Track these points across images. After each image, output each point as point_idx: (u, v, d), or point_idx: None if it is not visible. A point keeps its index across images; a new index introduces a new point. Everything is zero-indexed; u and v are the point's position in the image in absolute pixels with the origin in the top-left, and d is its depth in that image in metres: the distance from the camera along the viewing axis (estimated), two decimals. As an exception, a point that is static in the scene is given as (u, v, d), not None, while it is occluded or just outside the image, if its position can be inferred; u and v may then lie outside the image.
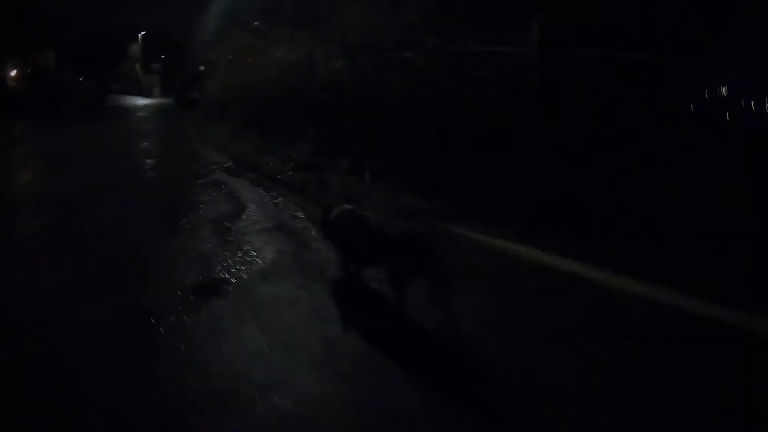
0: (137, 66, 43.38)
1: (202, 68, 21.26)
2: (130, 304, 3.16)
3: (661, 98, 5.59)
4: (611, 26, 5.93)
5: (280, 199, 5.69)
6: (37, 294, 3.34)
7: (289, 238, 4.33)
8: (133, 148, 9.60)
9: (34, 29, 26.37)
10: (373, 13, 9.36)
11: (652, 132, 5.03)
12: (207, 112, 14.14)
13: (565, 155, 5.12)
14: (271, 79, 10.52)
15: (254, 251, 4.01)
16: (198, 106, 17.93)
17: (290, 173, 6.57)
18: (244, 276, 3.57)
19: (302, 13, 11.20)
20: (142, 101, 26.09)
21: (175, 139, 10.84)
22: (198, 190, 6.17)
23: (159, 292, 3.32)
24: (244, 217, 4.96)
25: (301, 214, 4.98)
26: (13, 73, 21.11)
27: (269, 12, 13.66)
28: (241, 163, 7.68)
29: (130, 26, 43.53)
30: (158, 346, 2.62)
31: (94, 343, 2.69)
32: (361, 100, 7.50)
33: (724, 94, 5.53)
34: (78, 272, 3.66)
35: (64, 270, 3.71)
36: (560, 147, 5.11)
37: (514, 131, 5.38)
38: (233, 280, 3.49)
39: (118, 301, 3.19)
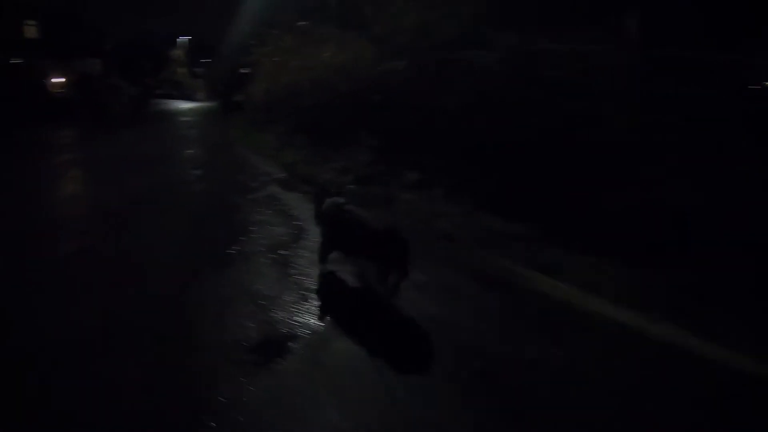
0: (180, 70, 44.07)
1: (244, 71, 21.03)
2: (171, 366, 2.62)
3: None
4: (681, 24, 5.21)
5: (341, 219, 5.10)
6: (57, 342, 2.83)
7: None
8: (178, 157, 9.24)
9: (81, 36, 26.99)
10: (428, 9, 8.70)
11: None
12: (252, 116, 13.79)
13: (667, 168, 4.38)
14: (318, 81, 10.01)
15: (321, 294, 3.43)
16: (243, 109, 17.74)
17: (350, 186, 5.98)
18: (314, 329, 2.99)
19: (347, 11, 10.61)
20: (186, 105, 26.11)
21: (221, 146, 10.44)
22: (249, 207, 5.67)
23: (207, 350, 2.78)
24: (304, 244, 4.39)
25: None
26: (60, 79, 21.45)
27: (312, 11, 13.19)
28: (294, 174, 7.16)
29: (172, 31, 44.06)
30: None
31: (124, 421, 2.15)
32: (422, 105, 6.87)
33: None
34: (109, 314, 3.15)
35: (93, 311, 3.20)
36: (659, 159, 4.38)
37: (607, 142, 4.65)
38: (300, 335, 2.91)
39: (156, 362, 2.66)
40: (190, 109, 24.04)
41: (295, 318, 3.08)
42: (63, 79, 22.82)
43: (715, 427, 2.21)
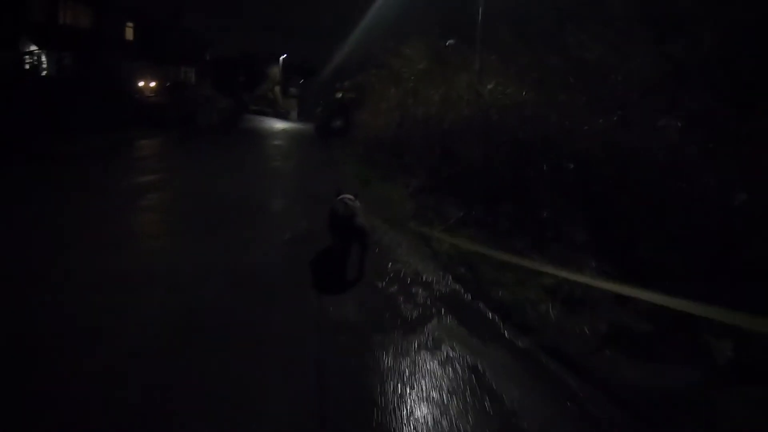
0: (276, 88, 42.97)
1: (340, 95, 18.51)
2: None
3: None
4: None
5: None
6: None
7: None
8: (270, 207, 6.25)
9: (176, 43, 25.67)
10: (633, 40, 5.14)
11: None
12: (363, 151, 10.71)
13: None
14: (472, 120, 6.73)
15: None
16: (343, 136, 14.92)
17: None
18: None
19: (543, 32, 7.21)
20: (278, 124, 23.93)
21: (328, 196, 7.36)
22: (409, 376, 2.72)
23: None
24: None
25: None
26: (152, 84, 19.82)
27: (453, 29, 9.97)
28: (478, 288, 3.82)
29: (271, 49, 43.31)
30: None
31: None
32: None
33: None
34: None
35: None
36: None
37: None
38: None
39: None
40: (284, 130, 21.35)
41: None
42: (153, 84, 21.49)
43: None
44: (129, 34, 24.22)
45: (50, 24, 19.31)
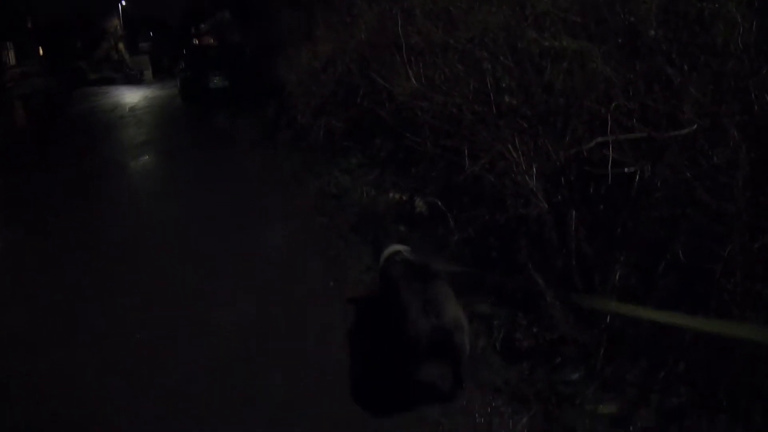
0: (120, 45, 35.50)
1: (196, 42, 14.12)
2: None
3: None
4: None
5: None
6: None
7: None
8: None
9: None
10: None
11: None
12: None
13: None
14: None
15: None
16: (233, 103, 10.48)
17: None
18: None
19: None
20: (132, 94, 17.99)
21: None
22: None
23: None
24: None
25: None
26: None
27: None
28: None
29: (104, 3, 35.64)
30: None
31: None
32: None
33: None
34: None
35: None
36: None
37: None
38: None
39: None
40: (142, 103, 14.85)
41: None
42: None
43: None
44: None
45: None
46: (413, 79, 3.41)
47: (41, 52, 29.17)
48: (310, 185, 4.91)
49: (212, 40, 14.88)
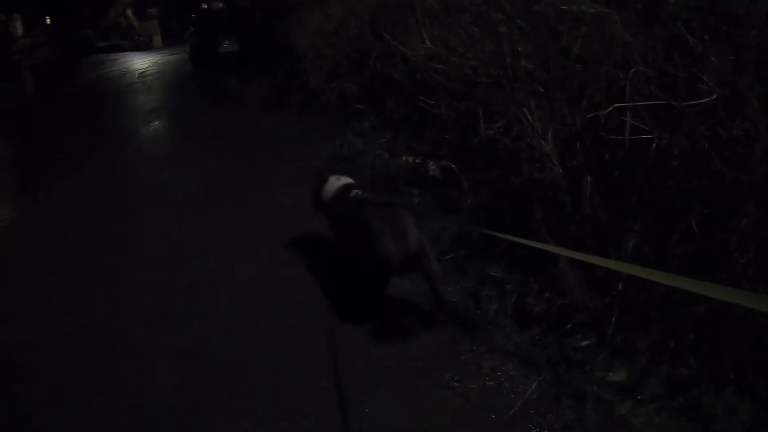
0: (128, 11, 34.99)
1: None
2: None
3: None
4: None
5: None
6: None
7: None
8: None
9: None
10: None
11: None
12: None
13: None
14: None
15: None
16: (243, 66, 10.33)
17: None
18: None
19: None
20: (141, 60, 17.88)
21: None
22: None
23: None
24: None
25: None
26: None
27: None
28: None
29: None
30: None
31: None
32: None
33: None
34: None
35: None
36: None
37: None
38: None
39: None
40: (155, 71, 14.67)
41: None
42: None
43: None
44: None
45: None
46: (428, 41, 3.35)
47: (48, 21, 28.93)
48: (322, 148, 4.89)
49: (221, 4, 14.64)
